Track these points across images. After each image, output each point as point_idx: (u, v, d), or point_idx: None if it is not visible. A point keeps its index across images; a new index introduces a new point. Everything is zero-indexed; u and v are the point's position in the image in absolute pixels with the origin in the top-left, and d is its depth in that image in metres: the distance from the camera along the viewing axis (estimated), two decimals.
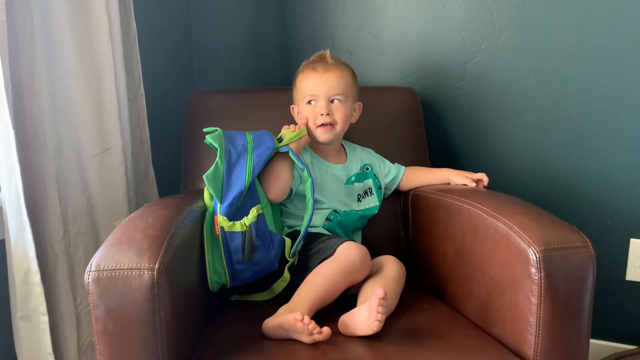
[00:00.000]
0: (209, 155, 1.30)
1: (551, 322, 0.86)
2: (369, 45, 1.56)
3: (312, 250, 1.11)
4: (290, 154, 1.14)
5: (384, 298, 0.90)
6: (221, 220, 1.05)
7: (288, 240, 1.12)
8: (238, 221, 1.06)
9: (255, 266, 1.09)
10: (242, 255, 1.06)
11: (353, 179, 1.28)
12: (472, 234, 1.03)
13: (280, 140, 1.17)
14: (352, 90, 1.25)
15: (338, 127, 1.22)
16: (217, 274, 1.07)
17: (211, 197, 1.10)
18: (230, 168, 1.07)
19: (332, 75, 1.21)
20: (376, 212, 1.30)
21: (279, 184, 1.15)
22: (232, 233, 1.05)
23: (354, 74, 1.26)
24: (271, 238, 1.10)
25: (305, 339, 0.91)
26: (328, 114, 1.20)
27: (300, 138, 1.18)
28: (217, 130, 1.11)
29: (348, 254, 1.05)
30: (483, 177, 1.23)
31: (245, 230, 1.06)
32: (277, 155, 1.15)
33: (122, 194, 1.25)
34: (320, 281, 1.02)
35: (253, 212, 1.07)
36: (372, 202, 1.30)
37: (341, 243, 1.08)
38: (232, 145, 1.10)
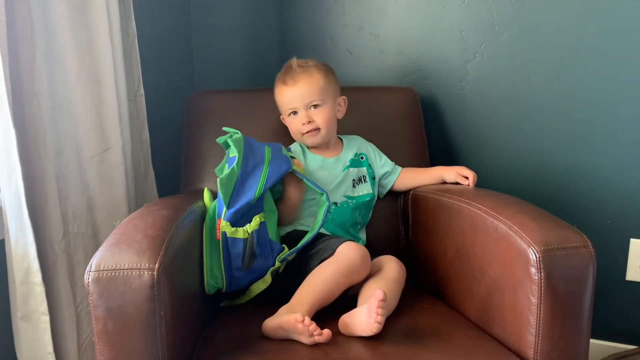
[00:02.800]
0: (209, 155, 1.30)
1: (551, 322, 0.86)
2: (369, 45, 1.56)
3: (312, 251, 1.11)
4: (306, 181, 1.14)
5: (384, 300, 0.90)
6: (224, 225, 1.04)
7: (287, 250, 1.11)
8: (241, 227, 1.05)
9: (253, 274, 1.08)
10: (242, 262, 1.05)
11: (348, 164, 1.29)
12: (472, 234, 1.03)
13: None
14: (329, 90, 1.25)
15: (323, 130, 1.24)
16: (214, 278, 1.07)
17: (211, 198, 1.10)
18: (244, 176, 1.06)
19: (302, 85, 1.22)
20: (368, 199, 1.29)
21: (293, 214, 1.20)
22: (234, 239, 1.05)
23: (326, 73, 1.26)
24: (271, 247, 1.09)
25: (306, 340, 0.91)
26: (310, 122, 1.22)
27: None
28: (238, 132, 1.10)
29: (348, 254, 1.05)
30: (471, 175, 1.23)
31: (247, 238, 1.05)
32: (293, 185, 1.17)
33: (122, 193, 1.25)
34: (321, 281, 1.02)
35: (256, 220, 1.06)
36: (365, 190, 1.29)
37: (341, 243, 1.08)
38: (251, 153, 1.09)
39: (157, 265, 0.79)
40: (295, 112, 1.25)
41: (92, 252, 0.91)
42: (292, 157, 1.18)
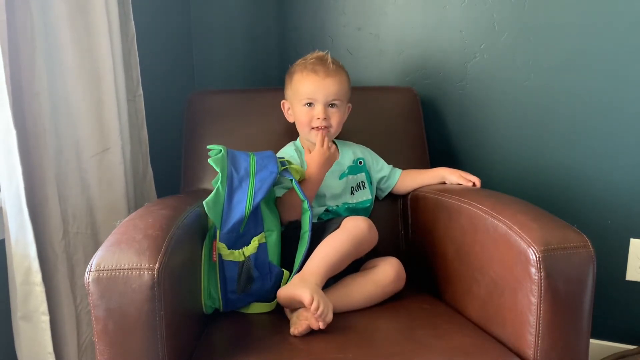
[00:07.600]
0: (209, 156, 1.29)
1: (551, 322, 0.86)
2: (369, 45, 1.56)
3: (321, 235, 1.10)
4: (294, 184, 1.10)
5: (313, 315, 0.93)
6: (220, 247, 1.03)
7: (286, 273, 1.09)
8: (237, 250, 1.03)
9: (250, 297, 1.07)
10: (236, 286, 1.04)
11: (346, 171, 1.29)
12: (472, 234, 1.03)
13: (283, 164, 1.14)
14: (347, 95, 1.26)
15: (332, 130, 1.24)
16: (211, 299, 1.06)
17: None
18: (231, 192, 1.03)
19: (332, 81, 1.21)
20: (368, 205, 1.30)
21: (294, 213, 1.16)
22: (229, 262, 1.03)
23: (349, 78, 1.27)
24: (270, 269, 1.07)
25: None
26: (325, 118, 1.21)
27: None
28: (220, 151, 1.08)
29: (356, 224, 1.07)
30: (477, 181, 1.23)
31: (243, 261, 1.03)
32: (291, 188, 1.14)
33: (121, 193, 1.25)
34: (332, 251, 1.03)
35: (254, 243, 1.05)
36: (364, 196, 1.29)
37: (344, 218, 1.10)
38: (234, 169, 1.06)
39: (157, 265, 0.79)
40: (311, 104, 1.22)
41: (92, 252, 0.91)
42: (289, 163, 1.15)
